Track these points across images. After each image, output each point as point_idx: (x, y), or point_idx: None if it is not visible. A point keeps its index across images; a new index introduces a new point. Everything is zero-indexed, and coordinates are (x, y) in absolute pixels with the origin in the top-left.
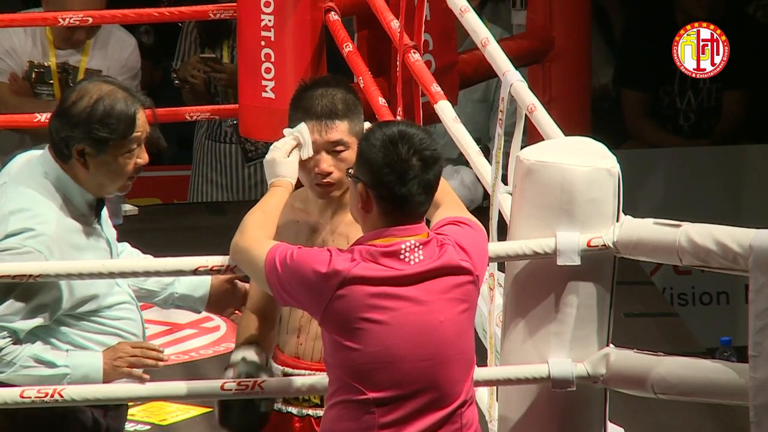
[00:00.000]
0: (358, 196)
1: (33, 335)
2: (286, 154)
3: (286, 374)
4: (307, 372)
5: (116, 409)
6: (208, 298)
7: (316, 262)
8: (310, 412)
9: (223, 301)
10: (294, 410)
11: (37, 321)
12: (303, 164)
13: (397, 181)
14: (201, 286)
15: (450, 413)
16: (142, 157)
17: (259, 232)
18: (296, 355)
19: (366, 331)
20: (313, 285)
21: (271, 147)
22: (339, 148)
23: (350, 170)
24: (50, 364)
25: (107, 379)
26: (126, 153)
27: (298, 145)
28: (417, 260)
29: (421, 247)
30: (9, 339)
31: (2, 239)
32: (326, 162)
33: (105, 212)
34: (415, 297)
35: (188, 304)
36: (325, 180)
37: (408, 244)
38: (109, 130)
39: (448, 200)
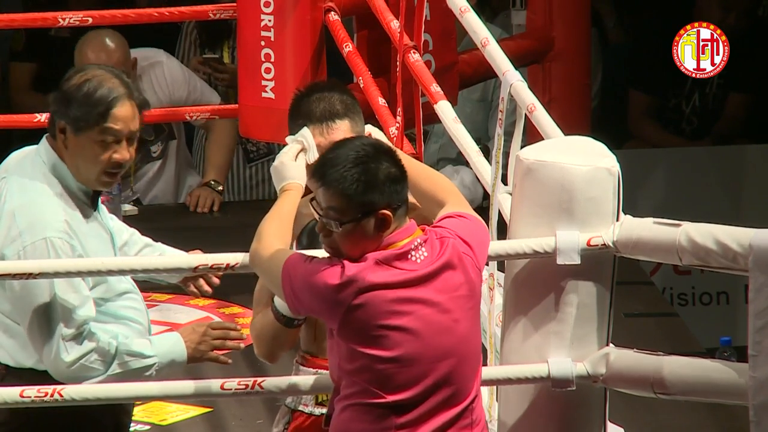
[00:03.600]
0: (353, 240)
1: None
2: (293, 159)
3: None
4: None
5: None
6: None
7: (330, 273)
8: None
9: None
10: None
11: (92, 302)
12: (309, 168)
13: (382, 202)
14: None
15: (463, 410)
16: (121, 154)
17: (275, 241)
18: None
19: (387, 338)
20: (327, 295)
21: (278, 154)
22: None
23: (327, 220)
24: (140, 356)
25: (190, 362)
26: (99, 142)
27: (303, 150)
28: (422, 258)
29: (423, 243)
30: (92, 333)
31: (19, 238)
32: None
33: (102, 206)
34: (430, 298)
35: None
36: None
37: (414, 243)
38: (84, 111)
39: (453, 199)
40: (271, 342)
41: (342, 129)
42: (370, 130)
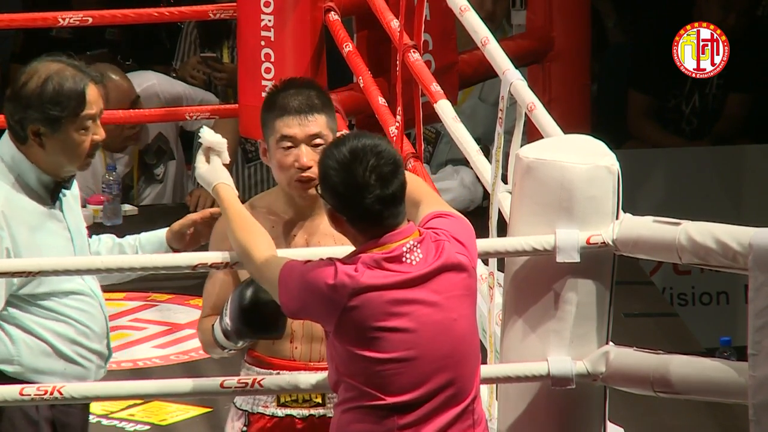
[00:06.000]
0: (330, 218)
1: None
2: (207, 163)
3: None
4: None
5: (66, 406)
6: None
7: (324, 275)
8: (312, 412)
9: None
10: (294, 412)
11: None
12: (281, 162)
13: (360, 204)
14: (161, 246)
15: (464, 409)
16: (99, 134)
17: (260, 246)
18: (292, 358)
19: (384, 340)
20: (323, 298)
21: (195, 164)
22: (318, 141)
23: (318, 187)
24: None
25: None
26: (81, 130)
27: (211, 150)
28: (417, 260)
29: (418, 245)
30: None
31: None
32: (307, 155)
33: (70, 201)
34: (426, 299)
35: None
36: (305, 174)
37: (407, 246)
38: (60, 108)
39: (428, 199)
40: (210, 349)
41: (319, 123)
42: (341, 133)
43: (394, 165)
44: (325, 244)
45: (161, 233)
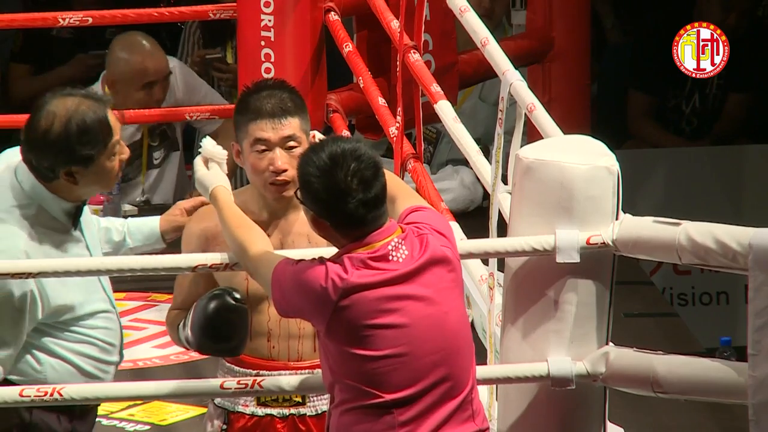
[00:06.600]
0: (313, 223)
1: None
2: (206, 168)
3: (260, 376)
4: (286, 372)
5: (83, 415)
6: (163, 240)
7: (316, 276)
8: (293, 411)
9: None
10: (274, 411)
11: (17, 346)
12: (256, 165)
13: (343, 209)
14: (152, 235)
15: (462, 401)
16: (124, 152)
17: (256, 244)
18: (270, 357)
19: (377, 337)
20: (315, 299)
21: (194, 170)
22: (292, 144)
23: (297, 193)
24: None
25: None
26: (111, 156)
27: (208, 160)
28: (403, 257)
29: (402, 242)
30: None
31: None
32: (281, 159)
33: (86, 214)
34: (417, 293)
35: (146, 252)
36: (280, 177)
37: (392, 244)
38: (91, 145)
39: (403, 194)
40: (177, 343)
41: (292, 125)
42: (314, 133)
43: (374, 168)
44: (300, 243)
45: (153, 222)
